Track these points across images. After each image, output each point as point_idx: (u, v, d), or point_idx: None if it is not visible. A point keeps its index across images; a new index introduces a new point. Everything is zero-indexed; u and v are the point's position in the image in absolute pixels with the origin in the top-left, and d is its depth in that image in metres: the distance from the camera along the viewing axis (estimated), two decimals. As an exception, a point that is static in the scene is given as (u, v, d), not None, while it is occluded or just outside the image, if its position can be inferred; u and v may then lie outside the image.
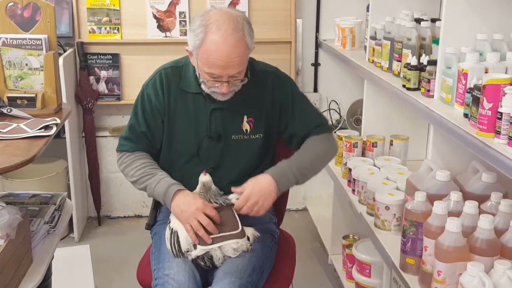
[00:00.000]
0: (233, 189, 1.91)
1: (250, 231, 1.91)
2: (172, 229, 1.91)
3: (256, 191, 1.87)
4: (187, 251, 1.86)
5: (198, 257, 1.86)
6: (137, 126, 2.00)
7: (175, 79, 1.97)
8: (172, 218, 1.93)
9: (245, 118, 1.97)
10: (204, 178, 1.92)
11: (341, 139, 2.67)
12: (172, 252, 1.88)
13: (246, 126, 1.97)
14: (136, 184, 1.99)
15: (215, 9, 1.86)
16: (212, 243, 1.84)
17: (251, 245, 1.89)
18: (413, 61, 2.13)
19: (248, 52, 1.84)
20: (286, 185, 1.95)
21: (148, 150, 2.02)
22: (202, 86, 1.89)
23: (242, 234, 1.87)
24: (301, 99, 2.05)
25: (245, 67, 1.86)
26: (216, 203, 1.88)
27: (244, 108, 1.96)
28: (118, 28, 3.39)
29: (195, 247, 1.85)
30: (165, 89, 1.96)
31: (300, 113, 2.02)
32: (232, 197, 1.91)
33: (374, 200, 2.13)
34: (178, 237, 1.87)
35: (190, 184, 1.95)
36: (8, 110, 2.02)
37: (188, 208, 1.86)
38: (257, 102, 1.98)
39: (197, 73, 1.90)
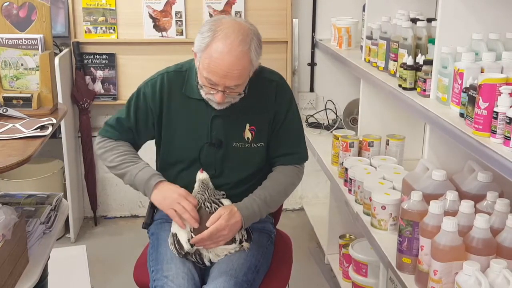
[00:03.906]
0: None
1: (241, 232, 1.91)
2: (171, 233, 1.91)
3: (227, 231, 1.83)
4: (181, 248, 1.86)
5: (189, 254, 1.86)
6: (125, 120, 1.99)
7: (178, 84, 1.95)
8: (173, 224, 1.91)
9: (247, 126, 1.95)
10: (202, 175, 1.90)
11: (338, 138, 2.67)
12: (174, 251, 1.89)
13: (248, 134, 1.95)
14: (114, 170, 1.97)
15: (228, 18, 1.83)
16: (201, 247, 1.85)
17: (241, 245, 1.90)
18: (409, 60, 2.13)
19: (250, 67, 1.81)
20: (248, 224, 1.92)
21: (131, 143, 2.02)
22: (200, 90, 1.88)
23: (231, 241, 1.88)
24: (294, 118, 2.02)
25: (244, 81, 1.83)
26: (211, 204, 1.88)
27: (246, 116, 1.94)
28: (114, 27, 3.38)
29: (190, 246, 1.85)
30: (165, 93, 1.94)
31: (285, 132, 2.00)
32: (226, 204, 1.91)
33: (370, 199, 2.13)
34: (178, 239, 1.87)
35: (190, 190, 1.91)
36: (4, 110, 2.01)
37: (171, 194, 1.86)
38: (260, 111, 1.95)
39: (197, 75, 1.87)
